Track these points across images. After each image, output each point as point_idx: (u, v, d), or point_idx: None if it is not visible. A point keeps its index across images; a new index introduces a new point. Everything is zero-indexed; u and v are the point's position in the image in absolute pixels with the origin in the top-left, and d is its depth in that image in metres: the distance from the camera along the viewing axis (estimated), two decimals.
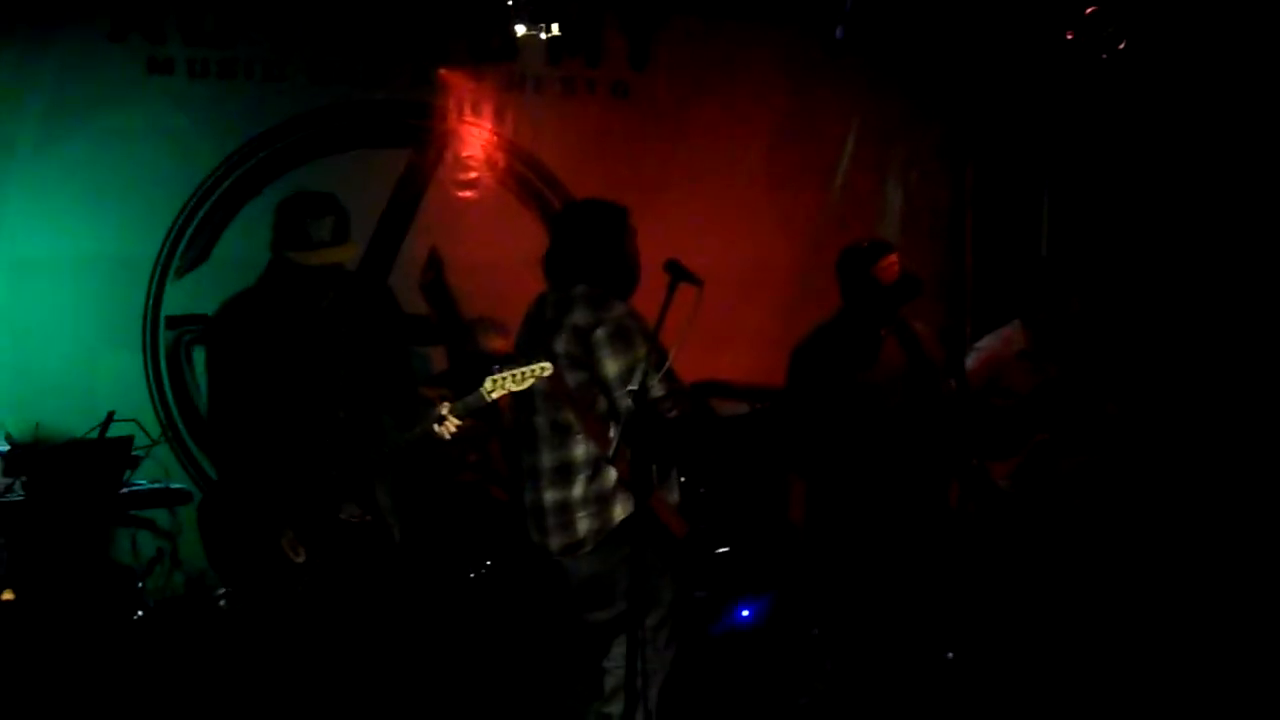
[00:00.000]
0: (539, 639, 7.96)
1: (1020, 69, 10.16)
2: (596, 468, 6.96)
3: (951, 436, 8.24)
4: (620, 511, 6.95)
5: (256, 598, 6.97)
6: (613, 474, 6.91)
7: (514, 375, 6.75)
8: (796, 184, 10.37)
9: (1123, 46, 9.16)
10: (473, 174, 9.88)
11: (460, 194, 9.86)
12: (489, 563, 8.37)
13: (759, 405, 9.35)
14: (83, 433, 7.71)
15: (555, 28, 8.90)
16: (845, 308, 8.29)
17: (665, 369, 6.71)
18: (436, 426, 6.80)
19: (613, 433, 6.83)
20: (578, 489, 7.00)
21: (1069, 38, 9.29)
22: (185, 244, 9.37)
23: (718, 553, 9.05)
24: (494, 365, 6.84)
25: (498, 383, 6.75)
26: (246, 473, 6.89)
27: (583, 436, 6.99)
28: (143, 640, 7.90)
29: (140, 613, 7.97)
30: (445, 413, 6.80)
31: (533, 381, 6.77)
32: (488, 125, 9.88)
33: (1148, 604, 8.57)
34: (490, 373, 6.80)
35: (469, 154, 9.86)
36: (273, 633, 7.07)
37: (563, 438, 7.05)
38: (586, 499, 6.99)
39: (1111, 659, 8.34)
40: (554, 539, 7.07)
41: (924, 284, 8.27)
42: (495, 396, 6.78)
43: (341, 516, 6.95)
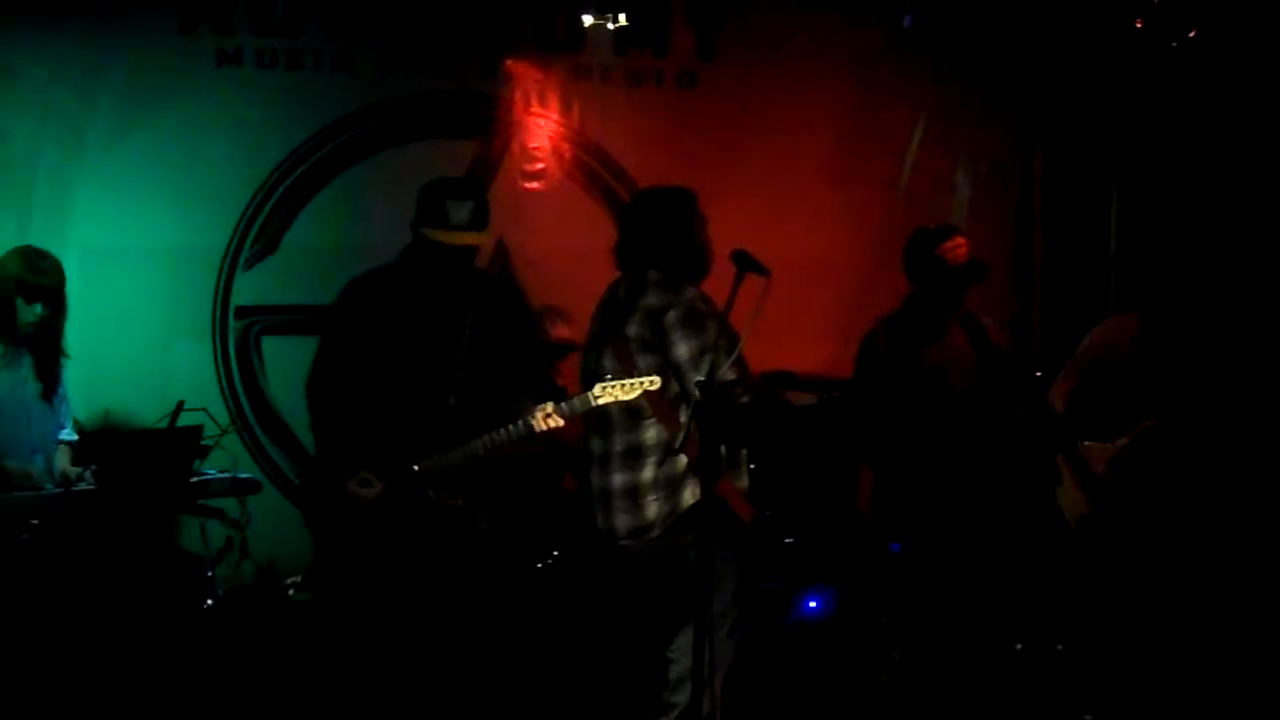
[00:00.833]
0: (603, 629, 7.96)
1: (1089, 58, 10.08)
2: (666, 452, 6.99)
3: (1030, 429, 8.23)
4: (689, 496, 6.98)
5: (342, 570, 7.23)
6: (682, 459, 6.94)
7: (623, 385, 6.87)
8: (864, 175, 10.31)
9: (1193, 35, 9.10)
10: (539, 165, 9.88)
11: (527, 185, 9.87)
12: (555, 553, 8.37)
13: (826, 396, 9.33)
14: (152, 422, 7.74)
15: (623, 17, 8.90)
16: (912, 293, 8.30)
17: (736, 354, 6.72)
18: (536, 424, 6.92)
19: (683, 417, 6.85)
20: (647, 473, 7.03)
21: (1138, 26, 9.23)
22: (254, 234, 9.42)
23: (785, 542, 9.02)
24: (608, 370, 6.94)
25: (607, 389, 6.86)
26: (346, 445, 7.06)
27: (653, 420, 7.03)
28: (212, 629, 7.94)
29: (210, 601, 8.00)
30: (549, 412, 6.91)
31: (640, 393, 6.84)
32: (554, 116, 9.88)
33: (1228, 605, 8.45)
34: (601, 379, 6.88)
35: (535, 145, 9.86)
36: (346, 615, 7.19)
37: (633, 421, 7.08)
38: (656, 482, 7.02)
39: (1185, 657, 8.25)
40: (620, 522, 7.10)
41: (989, 269, 8.29)
42: (602, 402, 6.87)
43: (433, 497, 7.05)
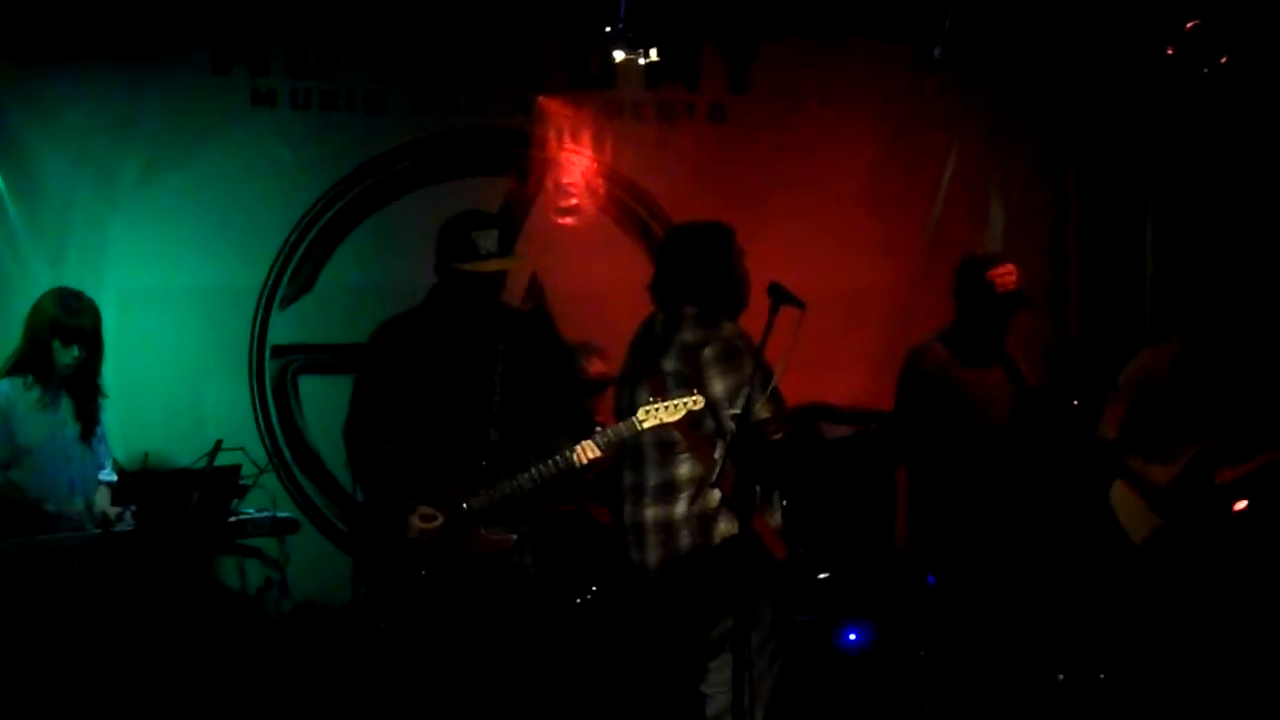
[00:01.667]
0: (639, 665, 7.94)
1: (1122, 85, 10.06)
2: (700, 487, 6.97)
3: (1072, 457, 8.23)
4: (723, 531, 6.95)
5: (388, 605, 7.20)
6: (716, 493, 6.91)
7: (667, 406, 6.84)
8: (898, 204, 10.29)
9: (1224, 61, 9.08)
10: (573, 200, 9.90)
11: (561, 220, 9.88)
12: (594, 588, 8.36)
13: (864, 428, 9.32)
14: (189, 462, 7.75)
15: (654, 53, 8.89)
16: (957, 319, 8.33)
17: (771, 390, 6.72)
18: (577, 458, 6.96)
19: (718, 453, 6.84)
20: (680, 507, 7.01)
21: (1169, 52, 9.22)
22: (290, 274, 9.46)
23: (819, 578, 9.00)
24: (649, 397, 6.93)
25: (650, 413, 6.85)
26: (387, 493, 7.10)
27: (688, 455, 7.02)
28: (256, 666, 7.95)
29: (253, 638, 8.01)
30: (587, 445, 6.95)
31: (685, 413, 6.83)
32: (587, 152, 9.89)
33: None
34: (643, 403, 6.87)
35: (569, 181, 9.88)
36: (399, 652, 7.20)
37: (667, 456, 7.07)
38: (689, 517, 7.00)
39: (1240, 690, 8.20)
40: (653, 555, 7.09)
41: (1033, 300, 8.32)
42: (647, 426, 6.87)
43: (484, 535, 7.08)
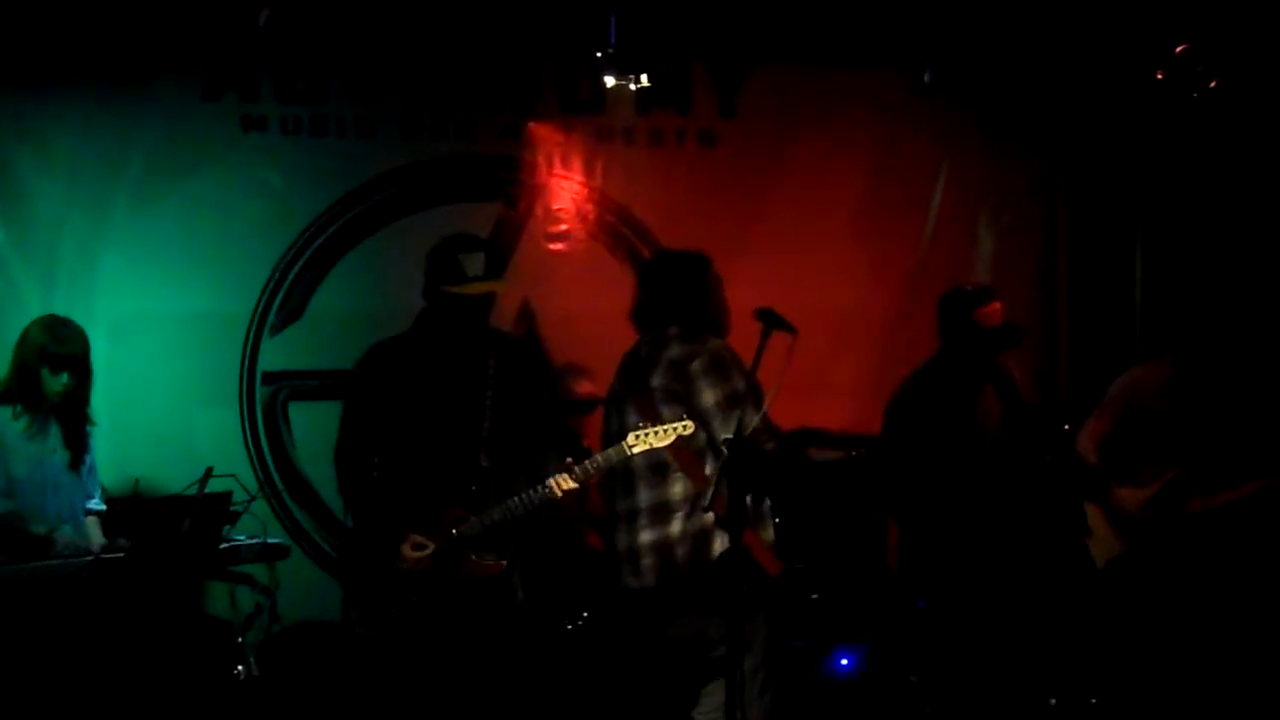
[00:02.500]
0: (632, 690, 7.92)
1: (1112, 109, 10.09)
2: (694, 505, 6.99)
3: (1060, 479, 8.23)
4: (719, 547, 6.96)
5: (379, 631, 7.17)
6: (710, 512, 6.91)
7: (657, 431, 6.84)
8: (887, 229, 10.33)
9: (1214, 85, 9.11)
10: (563, 226, 9.91)
11: (551, 246, 9.90)
12: (586, 614, 8.35)
13: (853, 452, 9.32)
14: (181, 488, 7.73)
15: (645, 78, 8.91)
16: (942, 350, 8.31)
17: (761, 401, 6.72)
18: (553, 490, 6.95)
19: (709, 469, 6.85)
20: (676, 526, 7.03)
21: (1159, 77, 9.24)
22: (280, 300, 9.45)
23: (812, 598, 9.00)
24: (637, 421, 6.93)
25: (640, 438, 6.85)
26: (378, 518, 7.10)
27: (680, 475, 7.03)
28: (242, 695, 7.94)
29: (240, 668, 7.99)
30: (564, 476, 6.94)
31: (674, 438, 6.83)
32: (578, 177, 9.92)
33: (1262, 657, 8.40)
34: (632, 427, 6.86)
35: (559, 206, 9.90)
36: (387, 679, 7.19)
37: (660, 477, 7.09)
38: (684, 536, 7.02)
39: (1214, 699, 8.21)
40: (650, 577, 7.11)
41: (1024, 334, 8.32)
42: (637, 451, 6.86)
43: (475, 561, 7.08)
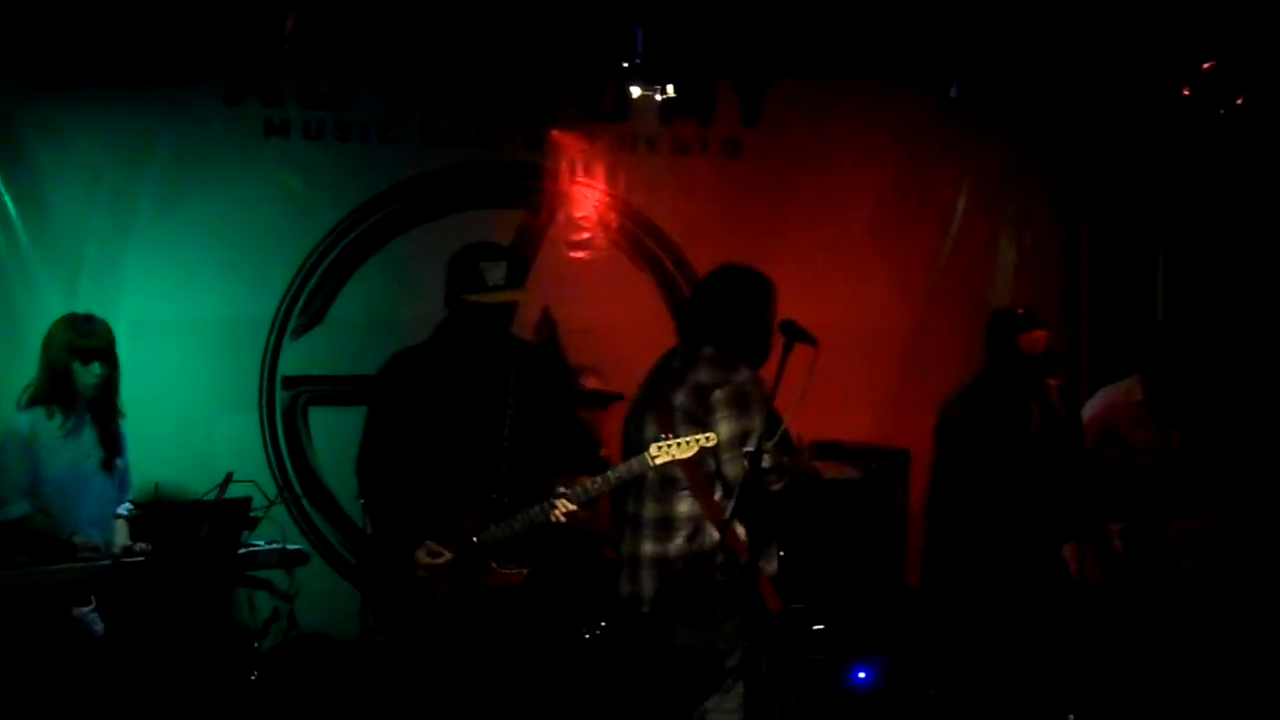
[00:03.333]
0: (643, 701, 7.92)
1: (1136, 124, 10.05)
2: (697, 525, 6.96)
3: (1079, 496, 8.21)
4: (719, 573, 6.93)
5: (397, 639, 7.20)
6: (714, 534, 6.89)
7: (680, 443, 6.81)
8: (909, 241, 10.30)
9: (1240, 102, 9.08)
10: (585, 234, 9.90)
11: (573, 254, 9.89)
12: (603, 623, 8.33)
13: (873, 465, 9.30)
14: (201, 492, 7.74)
15: (670, 89, 8.91)
16: (986, 370, 8.31)
17: (777, 438, 6.69)
18: (553, 514, 6.95)
19: (718, 494, 6.83)
20: (678, 543, 6.99)
21: (1185, 93, 9.22)
22: (301, 305, 9.46)
23: (815, 629, 8.95)
24: (659, 434, 6.90)
25: (663, 449, 6.81)
26: (398, 526, 7.09)
27: (688, 493, 7.00)
28: (257, 700, 7.94)
29: (255, 673, 8.00)
30: (564, 499, 6.95)
31: (697, 449, 6.81)
32: (600, 185, 9.90)
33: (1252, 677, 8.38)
34: (655, 439, 6.85)
35: (582, 214, 9.89)
36: (403, 686, 7.19)
37: (667, 491, 7.05)
38: (685, 555, 6.97)
39: None
40: (647, 588, 7.06)
41: (1062, 363, 8.30)
42: (660, 462, 6.83)
43: (495, 569, 7.06)
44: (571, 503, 6.95)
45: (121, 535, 7.81)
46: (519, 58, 9.61)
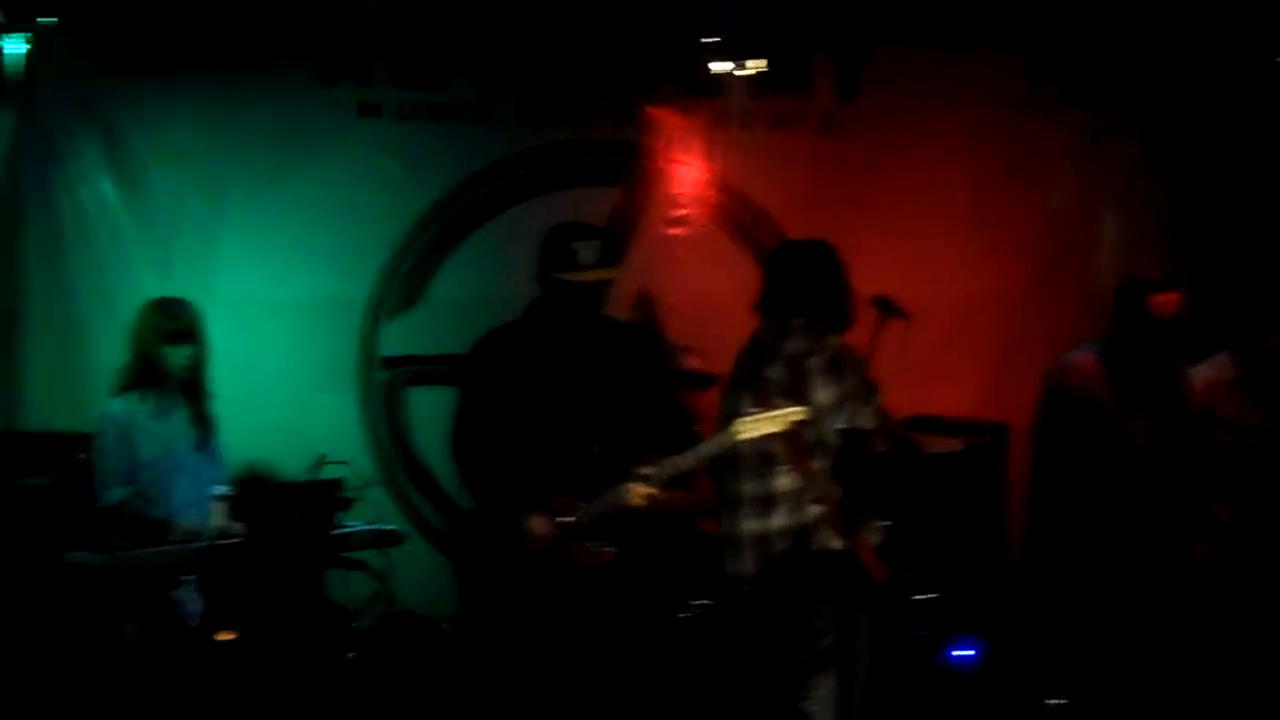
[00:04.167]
0: (743, 680, 7.87)
1: (1231, 95, 9.93)
2: (798, 500, 6.91)
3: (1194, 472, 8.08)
4: (820, 545, 6.88)
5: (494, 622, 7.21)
6: (814, 507, 6.84)
7: (768, 417, 6.76)
8: (1011, 213, 10.18)
9: None
10: (682, 211, 9.83)
11: (670, 231, 9.83)
12: (700, 603, 8.27)
13: (975, 440, 9.20)
14: (298, 474, 7.77)
15: (759, 63, 8.84)
16: (1111, 335, 8.16)
17: (875, 405, 6.65)
18: (632, 498, 6.95)
19: (818, 467, 6.77)
20: (778, 520, 6.97)
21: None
22: (398, 285, 9.47)
23: (921, 599, 8.85)
24: (749, 409, 6.85)
25: (749, 423, 6.77)
26: (494, 504, 7.12)
27: (787, 468, 6.95)
28: (355, 680, 7.95)
29: (353, 653, 8.01)
30: (643, 482, 6.91)
31: (786, 423, 6.76)
32: (696, 162, 9.83)
33: None
34: (743, 413, 6.80)
35: (678, 191, 9.82)
36: (496, 665, 7.17)
37: (767, 467, 7.03)
38: (786, 530, 6.95)
39: None
40: (748, 565, 7.06)
41: (1189, 333, 8.13)
42: (745, 437, 6.79)
43: (588, 549, 7.05)
44: (651, 484, 6.90)
45: (218, 516, 7.82)
46: (612, 34, 9.54)
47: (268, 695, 7.52)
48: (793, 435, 6.85)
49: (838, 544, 6.73)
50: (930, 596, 8.65)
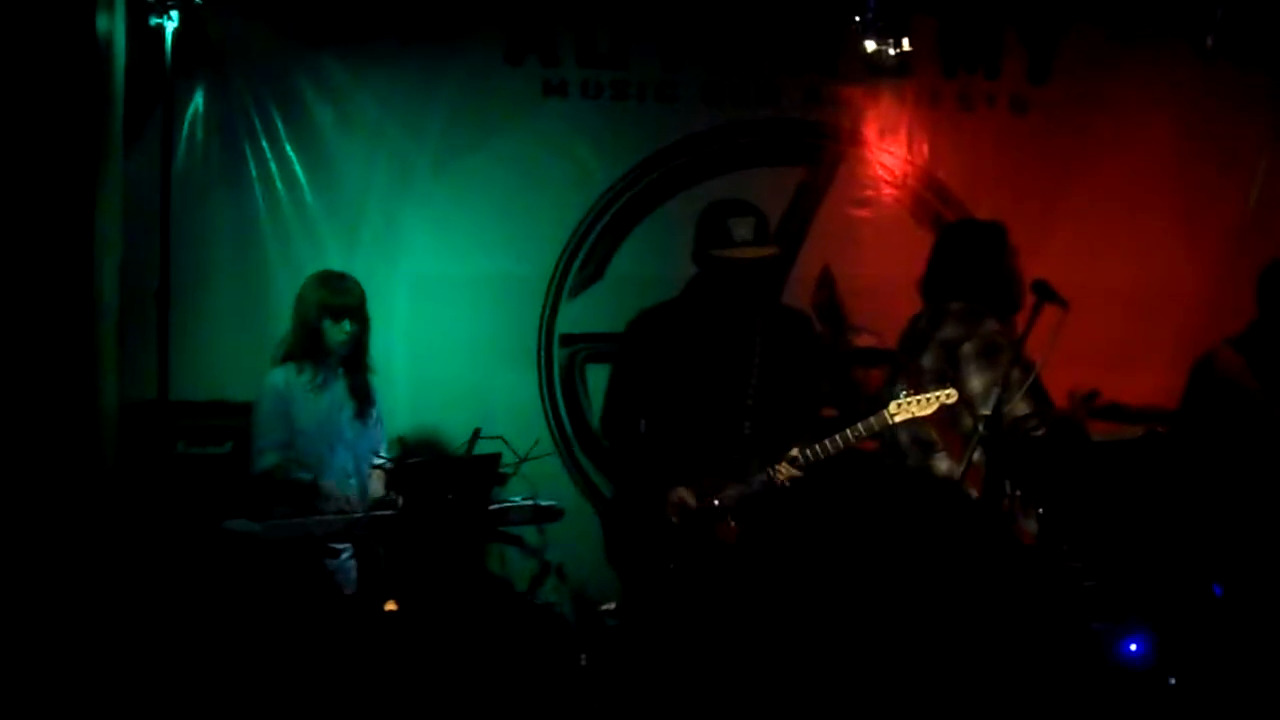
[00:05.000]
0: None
1: None
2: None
3: None
4: (976, 533, 6.81)
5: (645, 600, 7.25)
6: (974, 492, 6.77)
7: (920, 400, 6.77)
8: (1204, 200, 9.91)
9: None
10: (866, 192, 9.75)
11: (853, 212, 9.74)
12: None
13: (1157, 428, 9.01)
14: (479, 448, 7.86)
15: (906, 43, 8.74)
16: (1257, 321, 7.98)
17: (1031, 384, 6.56)
18: (775, 476, 6.95)
19: (977, 454, 6.70)
20: None
21: None
22: (579, 263, 9.52)
23: (1085, 584, 8.70)
24: (900, 389, 6.83)
25: (902, 406, 6.78)
26: (642, 480, 7.15)
27: (944, 453, 6.90)
28: (522, 651, 8.01)
29: (523, 628, 8.07)
30: (789, 463, 6.89)
31: (937, 406, 6.72)
32: (882, 142, 9.73)
33: None
34: (895, 396, 6.77)
35: (862, 171, 9.73)
36: (643, 642, 7.21)
37: (923, 453, 7.03)
38: None
39: None
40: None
41: None
42: (899, 420, 6.78)
43: (734, 528, 7.08)
44: (798, 466, 6.88)
45: (376, 485, 7.97)
46: (799, 12, 9.50)
47: (427, 666, 7.62)
48: (946, 420, 6.80)
49: (993, 528, 6.64)
50: (1095, 584, 8.52)
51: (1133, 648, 8.60)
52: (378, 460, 8.03)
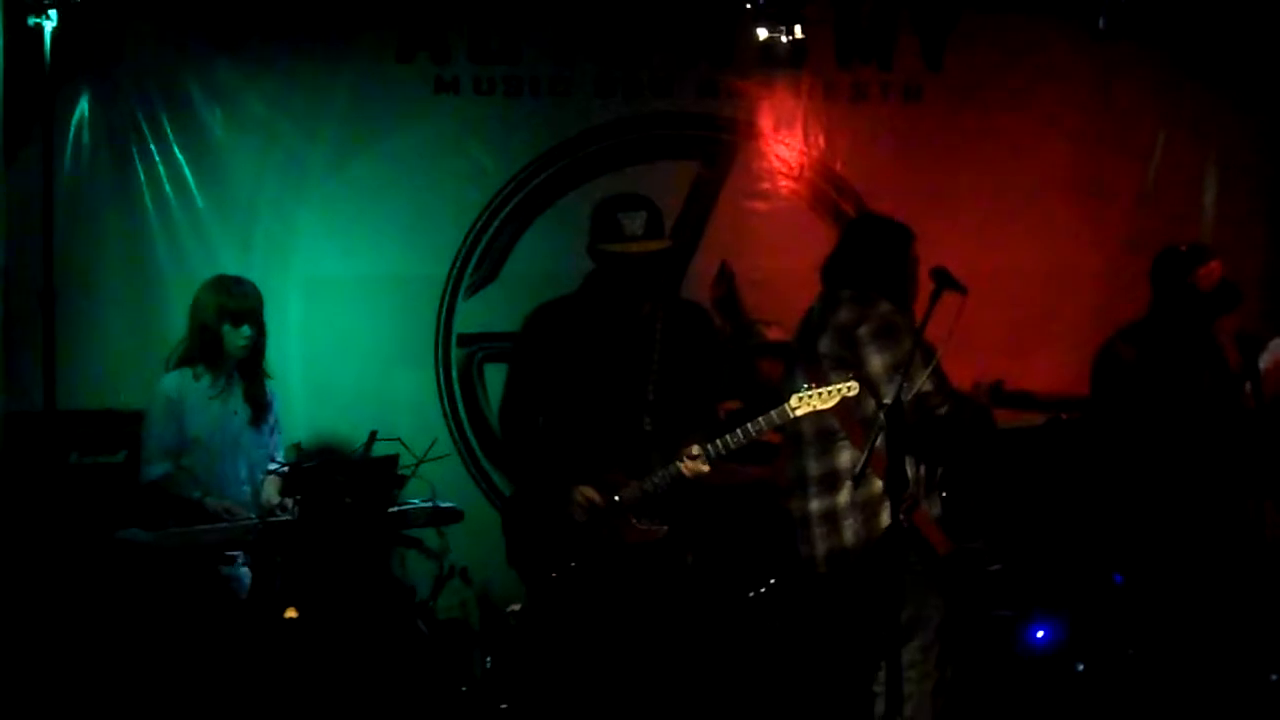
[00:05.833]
0: (809, 660, 7.76)
1: None
2: (862, 474, 6.78)
3: (1255, 449, 7.86)
4: (886, 520, 6.76)
5: (548, 601, 7.13)
6: (879, 482, 6.73)
7: (822, 393, 6.72)
8: (1101, 186, 9.95)
9: None
10: (763, 184, 9.71)
11: (751, 204, 9.71)
12: (771, 581, 8.17)
13: (1061, 415, 9.02)
14: (377, 451, 7.77)
15: (798, 30, 8.74)
16: (1153, 312, 8.02)
17: (933, 366, 6.53)
18: (684, 469, 6.87)
19: (880, 440, 6.65)
20: (844, 496, 6.90)
21: None
22: (475, 262, 9.43)
23: (991, 569, 8.70)
24: (803, 384, 6.79)
25: (804, 400, 6.72)
26: (542, 478, 7.08)
27: (847, 443, 6.88)
28: (425, 657, 7.93)
29: (424, 629, 7.98)
30: (695, 454, 6.84)
31: (838, 400, 6.68)
32: (778, 135, 9.70)
33: None
34: (797, 389, 6.74)
35: (758, 164, 9.70)
36: (555, 644, 7.12)
37: (828, 444, 6.97)
38: (853, 505, 6.88)
39: None
40: (820, 548, 6.98)
41: (1243, 296, 7.95)
42: (801, 414, 6.74)
43: (639, 527, 6.97)
44: (703, 461, 6.83)
45: (271, 491, 7.87)
46: (691, 5, 9.44)
47: (328, 672, 7.53)
48: (848, 409, 6.77)
49: (891, 514, 6.57)
50: (998, 568, 8.53)
51: (1039, 634, 8.64)
52: (272, 465, 7.93)
